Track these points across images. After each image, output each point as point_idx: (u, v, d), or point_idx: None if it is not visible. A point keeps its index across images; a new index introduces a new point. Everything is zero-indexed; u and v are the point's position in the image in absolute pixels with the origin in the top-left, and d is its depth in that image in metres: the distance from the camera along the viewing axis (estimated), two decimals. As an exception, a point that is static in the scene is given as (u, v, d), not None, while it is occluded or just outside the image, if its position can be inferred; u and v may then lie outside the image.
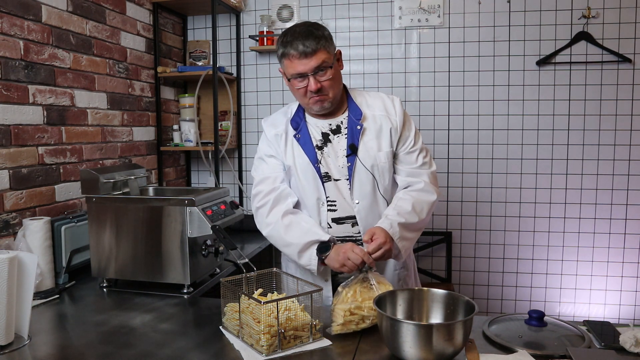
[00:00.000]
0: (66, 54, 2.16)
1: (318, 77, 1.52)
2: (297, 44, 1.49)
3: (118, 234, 1.80)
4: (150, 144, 2.87)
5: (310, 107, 1.60)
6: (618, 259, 2.87)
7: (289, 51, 1.51)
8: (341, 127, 1.64)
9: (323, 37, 1.53)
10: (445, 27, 2.91)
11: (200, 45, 3.18)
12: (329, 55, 1.53)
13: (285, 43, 1.52)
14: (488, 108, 2.92)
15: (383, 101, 1.66)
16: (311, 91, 1.53)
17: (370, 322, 1.36)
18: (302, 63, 1.50)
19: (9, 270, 1.28)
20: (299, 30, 1.52)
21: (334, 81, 1.55)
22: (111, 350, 1.31)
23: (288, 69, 1.54)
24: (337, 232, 1.60)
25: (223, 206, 1.89)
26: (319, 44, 1.50)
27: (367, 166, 1.57)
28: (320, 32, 1.53)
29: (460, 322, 1.14)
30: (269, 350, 1.24)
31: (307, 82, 1.53)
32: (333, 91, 1.56)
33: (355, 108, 1.64)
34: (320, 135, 1.64)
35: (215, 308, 1.56)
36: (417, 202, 1.57)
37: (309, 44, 1.49)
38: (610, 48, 2.73)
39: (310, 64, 1.50)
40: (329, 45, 1.54)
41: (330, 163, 1.61)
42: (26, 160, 1.94)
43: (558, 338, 1.28)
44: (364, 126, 1.60)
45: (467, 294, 3.02)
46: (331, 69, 1.53)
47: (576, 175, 2.87)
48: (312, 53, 1.49)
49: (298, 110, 1.69)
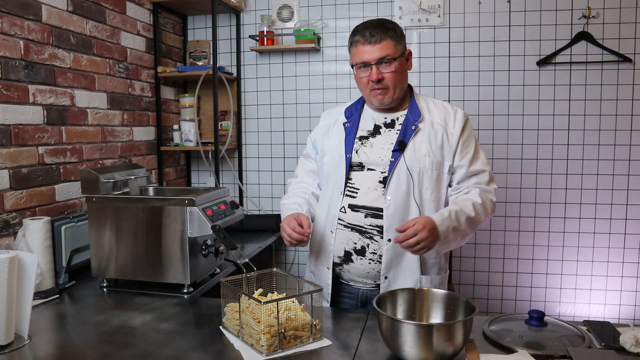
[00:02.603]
0: (66, 54, 2.16)
1: (381, 68, 1.53)
2: (365, 31, 1.53)
3: (118, 234, 1.80)
4: (150, 144, 2.87)
5: (370, 100, 1.62)
6: (618, 259, 2.87)
7: (357, 37, 1.54)
8: (395, 123, 1.64)
9: (393, 30, 1.55)
10: (446, 27, 2.91)
11: (200, 45, 3.18)
12: (395, 49, 1.54)
13: (355, 31, 1.56)
14: (488, 108, 2.92)
15: (445, 111, 1.64)
16: (372, 81, 1.54)
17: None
18: (366, 51, 1.53)
19: (9, 270, 1.28)
20: (370, 21, 1.57)
21: (398, 76, 1.56)
22: (111, 350, 1.31)
23: (354, 57, 1.57)
24: (349, 218, 1.60)
25: (223, 206, 1.90)
26: (386, 35, 1.52)
27: (409, 166, 1.55)
28: (391, 25, 1.56)
29: (460, 322, 1.14)
30: (269, 350, 1.24)
31: (370, 72, 1.54)
32: (394, 85, 1.56)
33: (415, 109, 1.63)
34: (372, 127, 1.65)
35: (215, 308, 1.56)
36: (476, 199, 1.53)
37: (375, 33, 1.52)
38: (611, 48, 2.73)
39: (375, 53, 1.52)
40: (398, 40, 1.55)
41: (370, 153, 1.61)
42: (26, 160, 1.94)
43: (558, 338, 1.28)
44: (418, 127, 1.59)
45: (467, 294, 3.02)
46: (395, 61, 1.54)
47: (576, 175, 2.87)
48: (377, 41, 1.52)
49: (358, 101, 1.72)
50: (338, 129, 1.69)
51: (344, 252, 1.61)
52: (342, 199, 1.60)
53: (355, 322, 1.47)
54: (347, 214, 1.60)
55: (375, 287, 1.63)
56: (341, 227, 1.61)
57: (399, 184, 1.55)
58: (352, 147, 1.61)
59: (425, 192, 1.56)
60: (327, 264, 1.64)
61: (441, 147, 1.58)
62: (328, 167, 1.67)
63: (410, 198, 1.55)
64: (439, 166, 1.57)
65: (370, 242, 1.57)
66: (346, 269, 1.62)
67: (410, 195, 1.55)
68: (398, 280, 1.58)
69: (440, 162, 1.58)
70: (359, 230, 1.58)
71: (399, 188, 1.55)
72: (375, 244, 1.57)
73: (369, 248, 1.58)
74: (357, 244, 1.59)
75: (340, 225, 1.61)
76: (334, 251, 1.62)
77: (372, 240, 1.57)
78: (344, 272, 1.64)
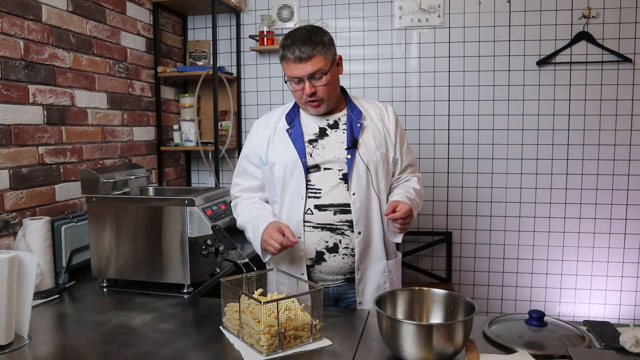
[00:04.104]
0: (66, 54, 2.16)
1: (313, 82, 1.56)
2: (294, 49, 1.53)
3: (118, 234, 1.80)
4: (150, 144, 2.87)
5: (306, 110, 1.66)
6: (618, 259, 2.87)
7: (287, 54, 1.55)
8: (339, 123, 1.68)
9: (321, 42, 1.55)
10: (446, 27, 2.91)
11: (200, 45, 3.18)
12: (326, 61, 1.56)
13: (285, 46, 1.56)
14: (488, 108, 2.92)
15: (378, 107, 1.74)
16: (306, 95, 1.57)
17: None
18: (298, 68, 1.54)
19: (9, 270, 1.28)
20: (299, 35, 1.55)
21: (330, 87, 1.59)
22: (111, 350, 1.31)
23: (286, 71, 1.59)
24: (318, 218, 1.61)
25: (223, 206, 1.90)
26: (315, 50, 1.53)
27: (365, 161, 1.62)
28: (319, 37, 1.55)
29: (460, 322, 1.14)
30: (269, 350, 1.24)
31: (303, 86, 1.56)
32: (328, 96, 1.60)
33: (355, 107, 1.69)
34: (317, 129, 1.67)
35: (215, 308, 1.56)
36: (416, 186, 1.72)
37: (305, 50, 1.52)
38: (611, 48, 2.73)
39: (306, 69, 1.54)
40: (327, 51, 1.56)
41: (324, 154, 1.63)
42: (26, 160, 1.94)
43: (558, 338, 1.28)
44: (364, 125, 1.66)
45: (467, 294, 3.02)
46: (327, 75, 1.56)
47: (576, 175, 2.87)
48: (307, 59, 1.53)
49: (294, 107, 1.72)
50: (280, 136, 1.68)
51: (315, 253, 1.62)
52: (305, 202, 1.61)
53: (356, 322, 1.47)
54: (315, 215, 1.61)
55: (344, 282, 1.67)
56: (310, 229, 1.62)
57: (359, 179, 1.61)
58: (304, 151, 1.63)
59: (380, 183, 1.66)
60: (301, 270, 1.63)
61: (385, 141, 1.69)
62: (280, 174, 1.65)
63: (370, 190, 1.63)
64: (386, 158, 1.68)
65: (342, 238, 1.61)
66: (317, 269, 1.64)
67: (370, 188, 1.63)
68: (368, 269, 1.66)
69: (386, 155, 1.68)
70: (329, 228, 1.61)
71: (360, 182, 1.61)
72: (347, 238, 1.61)
73: (341, 244, 1.61)
74: (328, 242, 1.61)
75: (308, 227, 1.62)
76: (305, 255, 1.63)
77: (344, 235, 1.61)
78: (315, 272, 1.65)
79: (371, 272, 1.66)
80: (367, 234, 1.62)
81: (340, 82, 1.69)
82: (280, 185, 1.66)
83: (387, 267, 1.68)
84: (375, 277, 1.66)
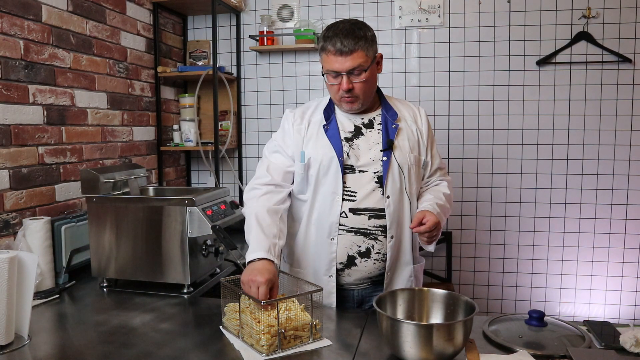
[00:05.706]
0: (66, 54, 2.16)
1: (352, 77, 1.51)
2: (336, 41, 1.48)
3: (118, 234, 1.80)
4: (150, 144, 2.87)
5: (340, 105, 1.61)
6: (618, 259, 2.87)
7: (328, 46, 1.50)
8: (374, 123, 1.63)
9: (364, 37, 1.50)
10: (446, 27, 2.91)
11: (200, 45, 3.18)
12: (367, 58, 1.51)
13: (326, 38, 1.51)
14: (488, 108, 2.92)
15: (411, 109, 1.71)
16: (343, 90, 1.52)
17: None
18: (337, 61, 1.49)
19: (9, 270, 1.28)
20: (342, 27, 1.50)
21: (367, 84, 1.54)
22: (111, 350, 1.31)
23: (324, 64, 1.54)
24: (352, 222, 1.57)
25: (223, 206, 1.90)
26: (357, 45, 1.48)
27: (400, 163, 1.58)
28: (362, 32, 1.51)
29: (460, 322, 1.14)
30: (269, 350, 1.24)
31: (341, 80, 1.52)
32: (364, 94, 1.55)
33: (390, 108, 1.65)
34: (353, 127, 1.63)
35: (215, 308, 1.56)
36: (446, 191, 1.69)
37: (347, 43, 1.47)
38: (610, 48, 2.73)
39: (346, 64, 1.49)
40: (369, 48, 1.51)
41: (360, 155, 1.59)
42: (26, 160, 1.94)
43: (558, 338, 1.28)
44: (399, 126, 1.62)
45: (467, 294, 3.02)
46: (366, 72, 1.51)
47: (576, 175, 2.87)
48: (349, 53, 1.48)
49: (330, 103, 1.67)
50: (315, 130, 1.62)
51: (347, 258, 1.58)
52: (341, 204, 1.57)
53: (356, 322, 1.47)
54: (349, 219, 1.57)
55: (370, 285, 1.64)
56: (343, 233, 1.57)
57: (394, 182, 1.58)
58: (341, 149, 1.58)
59: (412, 186, 1.62)
60: (330, 272, 1.60)
61: (417, 144, 1.65)
62: (314, 171, 1.59)
63: (403, 194, 1.60)
64: (418, 162, 1.65)
65: (374, 243, 1.57)
66: (347, 273, 1.60)
67: (403, 191, 1.60)
68: (396, 272, 1.63)
69: (418, 158, 1.65)
70: (363, 232, 1.57)
71: (394, 185, 1.58)
72: (379, 243, 1.57)
73: (373, 249, 1.57)
74: (361, 247, 1.57)
75: (342, 230, 1.57)
76: (337, 258, 1.59)
77: (377, 240, 1.57)
78: (343, 276, 1.61)
79: (398, 275, 1.63)
80: (398, 238, 1.60)
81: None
82: (311, 184, 1.61)
83: (414, 272, 1.65)
84: (402, 281, 1.63)
